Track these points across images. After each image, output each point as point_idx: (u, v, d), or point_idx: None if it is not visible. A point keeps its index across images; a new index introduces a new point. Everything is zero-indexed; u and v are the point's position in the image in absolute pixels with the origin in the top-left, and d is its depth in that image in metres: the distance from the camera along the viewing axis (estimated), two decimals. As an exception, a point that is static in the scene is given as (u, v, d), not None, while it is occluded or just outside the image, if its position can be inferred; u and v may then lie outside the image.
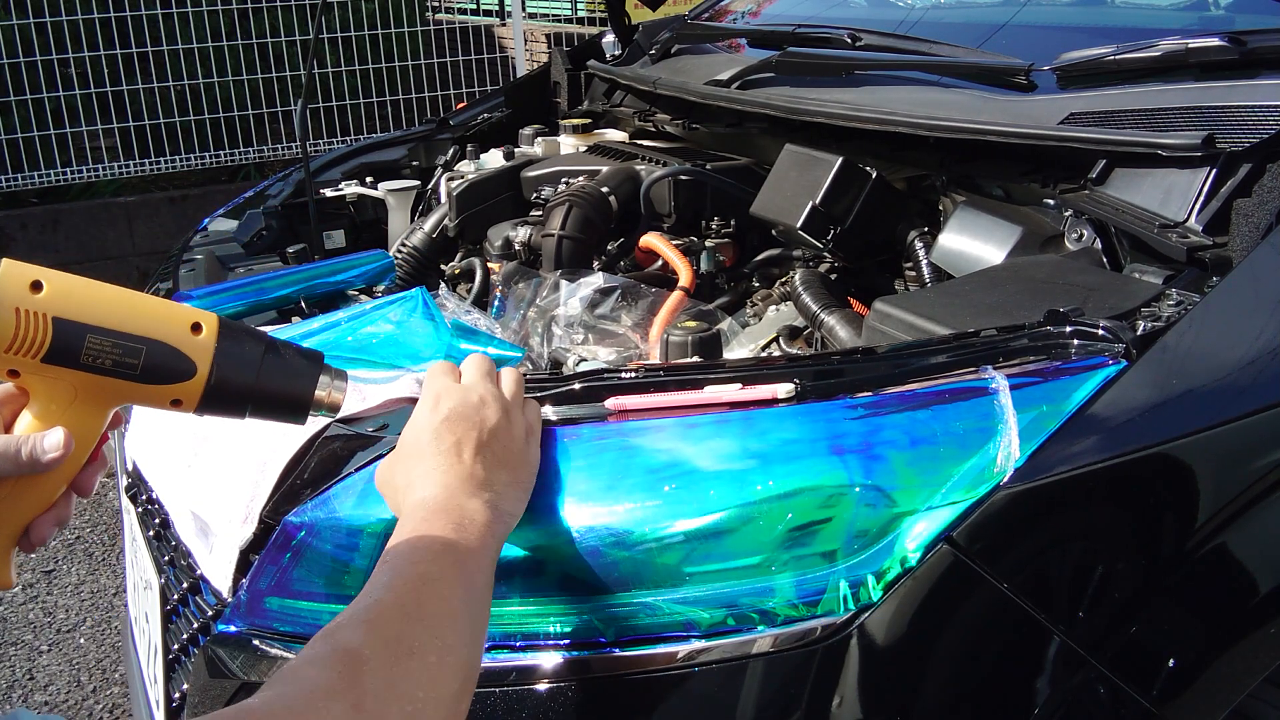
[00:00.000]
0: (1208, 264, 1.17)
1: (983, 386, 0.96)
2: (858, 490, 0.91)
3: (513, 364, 1.29)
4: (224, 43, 5.20)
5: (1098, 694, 0.94)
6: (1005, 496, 0.91)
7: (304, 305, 1.64)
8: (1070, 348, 1.01)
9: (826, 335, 1.49)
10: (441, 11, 6.81)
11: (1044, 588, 0.94)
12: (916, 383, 0.98)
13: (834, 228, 1.60)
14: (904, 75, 1.72)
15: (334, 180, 2.31)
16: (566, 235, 1.77)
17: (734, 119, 2.06)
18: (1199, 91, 1.35)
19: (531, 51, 6.12)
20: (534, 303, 1.63)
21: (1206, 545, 0.98)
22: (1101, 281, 1.22)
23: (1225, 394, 1.01)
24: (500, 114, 2.54)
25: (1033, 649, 0.94)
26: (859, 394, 0.96)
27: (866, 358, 1.06)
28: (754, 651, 0.90)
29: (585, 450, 0.97)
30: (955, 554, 0.90)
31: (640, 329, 1.56)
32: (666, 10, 2.77)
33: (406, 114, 5.61)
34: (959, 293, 1.27)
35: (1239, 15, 1.91)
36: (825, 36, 1.91)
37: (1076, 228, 1.37)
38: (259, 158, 5.38)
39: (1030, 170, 1.48)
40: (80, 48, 4.91)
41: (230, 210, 2.24)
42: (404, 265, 2.08)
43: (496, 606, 0.93)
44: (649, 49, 2.33)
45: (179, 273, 1.86)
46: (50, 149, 4.95)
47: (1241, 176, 1.22)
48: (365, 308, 1.29)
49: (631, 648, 0.91)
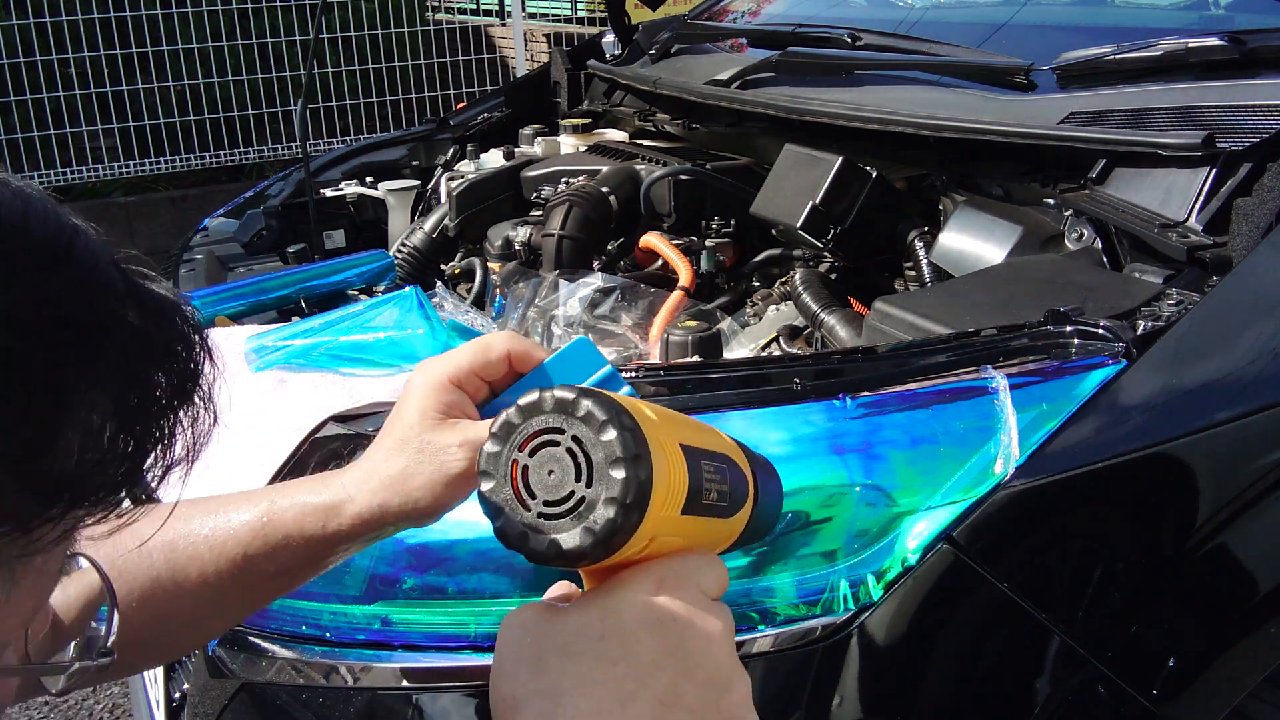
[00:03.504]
0: (1208, 264, 1.17)
1: (983, 386, 0.96)
2: (858, 490, 0.91)
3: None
4: (224, 43, 5.20)
5: (1098, 694, 0.94)
6: (1005, 496, 0.91)
7: (304, 305, 1.64)
8: (1070, 347, 1.01)
9: (826, 335, 1.49)
10: (441, 11, 6.81)
11: (1044, 587, 0.94)
12: (917, 382, 0.98)
13: (834, 227, 1.60)
14: (904, 75, 1.72)
15: (334, 180, 2.31)
16: (566, 235, 1.77)
17: (734, 119, 2.06)
18: (1199, 91, 1.35)
19: (531, 51, 6.12)
20: (534, 303, 1.63)
21: (1206, 545, 0.98)
22: (1101, 281, 1.22)
23: (1225, 394, 1.01)
24: (500, 114, 2.53)
25: (1033, 649, 0.94)
26: (859, 394, 0.96)
27: (866, 358, 1.06)
28: (754, 651, 0.90)
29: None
30: (955, 553, 0.90)
31: (640, 329, 1.56)
32: (666, 10, 2.77)
33: (406, 114, 5.61)
34: (959, 292, 1.27)
35: (1239, 15, 1.91)
36: (825, 36, 1.91)
37: (1076, 227, 1.37)
38: (259, 158, 5.38)
39: (1030, 170, 1.48)
40: (80, 48, 4.91)
41: (230, 210, 2.24)
42: (404, 265, 2.08)
43: (496, 605, 0.92)
44: (649, 49, 2.33)
45: (179, 273, 1.86)
46: (50, 149, 4.95)
47: (1241, 176, 1.22)
48: (359, 308, 1.29)
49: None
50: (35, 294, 0.40)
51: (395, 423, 0.73)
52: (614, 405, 0.55)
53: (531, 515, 0.55)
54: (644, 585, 0.57)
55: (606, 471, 0.54)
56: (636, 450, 0.54)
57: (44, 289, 0.41)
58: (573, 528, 0.54)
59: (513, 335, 0.75)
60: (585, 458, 0.55)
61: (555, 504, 0.55)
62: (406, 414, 0.72)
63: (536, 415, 0.56)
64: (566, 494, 0.55)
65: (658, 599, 0.56)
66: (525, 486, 0.56)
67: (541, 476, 0.56)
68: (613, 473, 0.54)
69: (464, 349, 0.74)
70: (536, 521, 0.55)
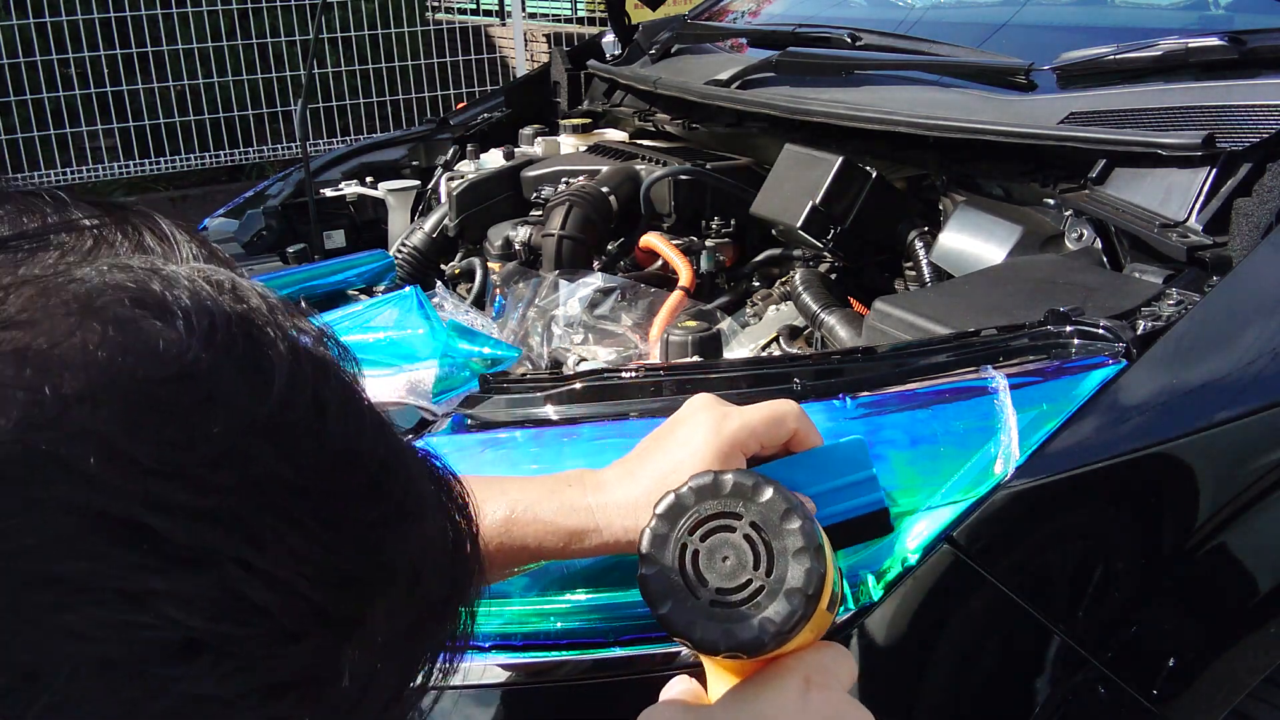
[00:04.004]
0: (1208, 264, 1.17)
1: (983, 386, 0.96)
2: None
3: (509, 363, 1.29)
4: (224, 43, 5.20)
5: (1098, 694, 0.94)
6: (1005, 496, 0.91)
7: (304, 305, 1.64)
8: (1070, 347, 1.01)
9: (826, 335, 1.49)
10: (441, 11, 6.81)
11: (1044, 587, 0.94)
12: (916, 382, 0.98)
13: (834, 227, 1.60)
14: (904, 75, 1.72)
15: (334, 180, 2.31)
16: (566, 235, 1.77)
17: (734, 119, 2.06)
18: (1199, 91, 1.35)
19: (531, 51, 6.12)
20: (534, 303, 1.63)
21: (1206, 545, 0.98)
22: (1101, 281, 1.22)
23: (1225, 394, 1.01)
24: (500, 114, 2.53)
25: (1033, 649, 0.94)
26: (859, 394, 0.96)
27: (866, 358, 1.06)
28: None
29: (585, 450, 0.96)
30: (955, 554, 0.90)
31: (640, 329, 1.56)
32: (666, 10, 2.77)
33: (406, 114, 5.61)
34: (959, 292, 1.27)
35: (1239, 15, 1.91)
36: (825, 36, 1.91)
37: (1076, 227, 1.37)
38: (259, 158, 5.38)
39: (1030, 170, 1.48)
40: (80, 48, 4.92)
41: (230, 210, 2.24)
42: (404, 265, 2.08)
43: (496, 605, 0.92)
44: (649, 49, 2.33)
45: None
46: (50, 149, 4.95)
47: (1241, 176, 1.22)
48: (359, 308, 1.29)
49: (632, 647, 0.91)
50: (363, 545, 0.34)
51: (664, 456, 0.70)
52: (791, 493, 0.54)
53: (702, 603, 0.53)
54: (792, 684, 0.55)
55: (789, 561, 0.52)
56: (819, 541, 0.52)
57: (369, 540, 0.35)
58: (750, 618, 0.52)
59: (804, 414, 0.73)
60: (765, 545, 0.53)
61: (729, 592, 0.53)
62: (680, 456, 0.69)
63: (711, 499, 0.54)
64: (743, 582, 0.53)
65: (810, 698, 0.55)
66: (696, 572, 0.53)
67: (714, 562, 0.53)
68: (796, 563, 0.52)
69: (760, 415, 0.71)
70: (709, 610, 0.53)
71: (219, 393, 0.32)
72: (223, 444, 0.31)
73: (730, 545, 0.53)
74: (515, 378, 1.06)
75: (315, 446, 0.34)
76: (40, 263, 0.33)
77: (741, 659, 0.54)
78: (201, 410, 0.31)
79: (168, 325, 0.32)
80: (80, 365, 0.30)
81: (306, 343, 0.36)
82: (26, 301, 0.31)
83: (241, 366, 0.33)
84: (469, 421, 1.01)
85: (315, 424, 0.34)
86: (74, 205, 0.36)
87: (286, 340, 0.35)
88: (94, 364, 0.30)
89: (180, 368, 0.31)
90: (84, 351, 0.30)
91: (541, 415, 1.00)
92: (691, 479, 0.55)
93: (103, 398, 0.30)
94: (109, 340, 0.30)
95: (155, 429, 0.30)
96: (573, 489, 0.72)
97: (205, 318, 0.32)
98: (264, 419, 0.32)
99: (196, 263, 0.36)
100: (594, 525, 0.70)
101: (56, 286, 0.31)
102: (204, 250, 0.37)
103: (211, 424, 0.31)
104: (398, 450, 0.37)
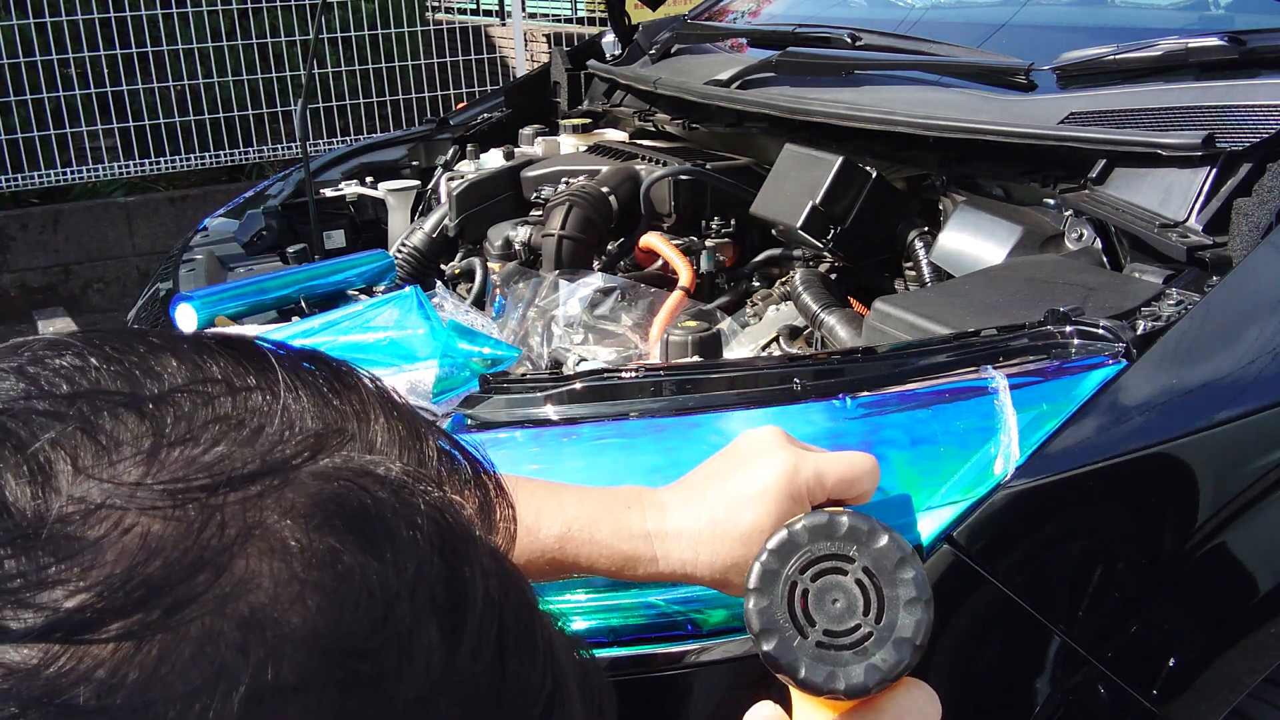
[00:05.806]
0: (1208, 264, 1.17)
1: (983, 386, 0.96)
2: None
3: (509, 363, 1.29)
4: (224, 43, 5.19)
5: (1098, 694, 0.94)
6: (1005, 496, 0.91)
7: (304, 305, 1.64)
8: (1070, 347, 1.01)
9: (826, 335, 1.49)
10: (441, 12, 6.81)
11: (1044, 588, 0.94)
12: (916, 382, 0.98)
13: (834, 227, 1.60)
14: (904, 75, 1.72)
15: (334, 180, 2.31)
16: (566, 235, 1.77)
17: (734, 119, 2.06)
18: (1199, 91, 1.35)
19: (531, 51, 6.12)
20: (534, 303, 1.63)
21: (1206, 545, 0.98)
22: (1101, 281, 1.22)
23: (1225, 394, 1.01)
24: (500, 114, 2.53)
25: (1033, 649, 0.94)
26: (859, 394, 0.96)
27: (866, 358, 1.06)
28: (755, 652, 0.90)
29: (585, 450, 0.96)
30: (955, 554, 0.90)
31: (640, 329, 1.56)
32: (666, 10, 2.77)
33: (406, 114, 5.61)
34: (959, 292, 1.27)
35: (1239, 15, 1.91)
36: (825, 36, 1.91)
37: (1076, 227, 1.37)
38: (259, 158, 5.38)
39: (1030, 170, 1.48)
40: (80, 48, 4.91)
41: (230, 210, 2.23)
42: (404, 265, 2.08)
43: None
44: (649, 49, 2.33)
45: (179, 273, 1.86)
46: (50, 149, 4.94)
47: (1241, 176, 1.22)
48: (359, 308, 1.29)
49: (631, 647, 0.91)
50: None
51: (732, 491, 0.68)
52: (906, 543, 0.54)
53: (809, 644, 0.53)
54: None
55: (900, 610, 0.52)
56: (930, 594, 0.53)
57: None
58: (856, 663, 0.52)
59: (878, 472, 0.72)
60: (876, 592, 0.53)
61: (837, 635, 0.53)
62: (751, 492, 0.67)
63: (825, 539, 0.54)
64: (851, 626, 0.53)
65: None
66: (805, 611, 0.53)
67: (824, 604, 0.53)
68: (907, 613, 0.52)
69: (837, 471, 0.70)
70: (815, 650, 0.53)
71: (416, 650, 0.30)
72: (406, 714, 0.30)
73: (840, 588, 0.53)
74: (515, 378, 1.06)
75: (494, 693, 0.32)
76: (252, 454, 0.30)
77: (839, 699, 0.54)
78: (394, 675, 0.29)
79: (379, 563, 0.29)
80: (300, 641, 0.28)
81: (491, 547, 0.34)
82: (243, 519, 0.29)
83: (440, 617, 0.31)
84: (469, 421, 1.01)
85: (497, 669, 0.32)
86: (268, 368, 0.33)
87: (480, 566, 0.33)
88: (309, 640, 0.28)
89: (384, 631, 0.29)
90: (304, 626, 0.28)
91: (541, 415, 1.00)
92: (804, 517, 0.54)
93: (314, 683, 0.28)
94: (324, 611, 0.28)
95: (340, 701, 0.28)
96: (631, 511, 0.70)
97: (411, 560, 0.30)
98: (453, 676, 0.31)
99: (395, 448, 0.34)
100: (650, 554, 0.68)
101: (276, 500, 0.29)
102: (402, 423, 0.35)
103: (401, 688, 0.29)
104: (561, 677, 0.36)
